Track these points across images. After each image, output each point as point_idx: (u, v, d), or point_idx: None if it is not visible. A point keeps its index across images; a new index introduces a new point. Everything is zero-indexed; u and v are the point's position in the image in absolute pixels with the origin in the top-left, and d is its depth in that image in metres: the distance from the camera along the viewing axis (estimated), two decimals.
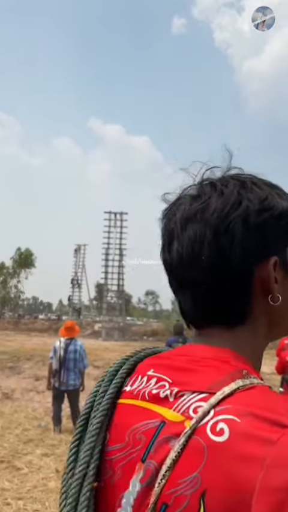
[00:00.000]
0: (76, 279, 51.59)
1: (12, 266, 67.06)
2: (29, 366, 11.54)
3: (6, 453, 4.54)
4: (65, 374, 5.61)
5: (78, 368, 5.73)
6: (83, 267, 51.62)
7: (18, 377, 10.00)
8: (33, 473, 4.07)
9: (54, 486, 3.74)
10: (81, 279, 51.73)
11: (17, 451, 4.64)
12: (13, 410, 6.57)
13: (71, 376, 5.65)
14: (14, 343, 22.08)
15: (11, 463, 4.30)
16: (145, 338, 36.84)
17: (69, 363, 5.64)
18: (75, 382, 5.69)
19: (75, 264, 52.04)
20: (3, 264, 67.50)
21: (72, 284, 51.76)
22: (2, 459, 4.38)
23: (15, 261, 66.41)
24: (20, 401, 7.45)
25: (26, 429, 5.53)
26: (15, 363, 12.12)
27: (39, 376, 9.88)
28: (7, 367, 11.22)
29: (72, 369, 5.66)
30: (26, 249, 66.70)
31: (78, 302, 52.18)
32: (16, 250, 66.27)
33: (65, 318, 49.40)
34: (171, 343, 6.38)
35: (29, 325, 41.56)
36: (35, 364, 11.85)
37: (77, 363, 5.71)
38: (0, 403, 7.15)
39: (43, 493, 3.62)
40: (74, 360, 5.68)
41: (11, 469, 4.15)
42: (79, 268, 51.80)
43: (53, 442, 5.04)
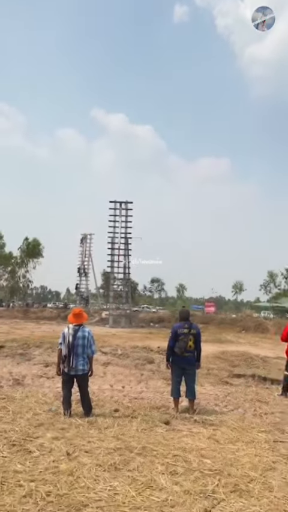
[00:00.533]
0: (83, 268, 51.72)
1: (20, 256, 67.36)
2: (38, 353, 11.65)
3: (18, 437, 4.59)
4: (74, 359, 5.65)
5: (86, 354, 5.78)
6: (89, 256, 51.70)
7: (28, 363, 10.10)
8: (44, 456, 4.10)
9: (65, 468, 3.77)
10: (87, 268, 51.88)
11: (29, 435, 4.68)
12: (24, 396, 6.64)
13: (80, 361, 5.69)
14: (23, 331, 22.33)
15: (23, 446, 4.34)
16: (151, 325, 37.03)
17: (78, 349, 5.68)
18: (84, 367, 5.73)
19: (81, 253, 52.13)
20: (11, 254, 67.84)
21: (79, 273, 51.93)
22: (14, 442, 4.42)
23: (23, 251, 66.64)
24: (31, 387, 7.52)
25: (37, 413, 5.58)
26: (25, 350, 12.24)
27: (48, 363, 9.97)
28: (17, 354, 11.33)
29: (81, 354, 5.70)
30: (34, 239, 66.83)
31: (85, 290, 52.41)
32: (24, 240, 66.45)
33: (73, 306, 49.74)
34: (177, 329, 6.39)
35: (37, 313, 42.01)
36: (44, 351, 11.96)
37: (86, 348, 5.75)
38: (12, 389, 7.22)
39: (54, 475, 3.65)
40: (83, 346, 5.72)
41: (23, 452, 4.18)
42: (85, 258, 51.89)
43: (63, 426, 5.08)
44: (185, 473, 3.81)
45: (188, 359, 6.35)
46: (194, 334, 6.33)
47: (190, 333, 6.29)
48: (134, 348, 14.23)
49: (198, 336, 6.41)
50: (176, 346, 6.29)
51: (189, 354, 6.32)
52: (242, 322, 36.08)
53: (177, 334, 6.30)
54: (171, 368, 6.53)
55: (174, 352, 6.34)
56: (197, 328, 6.50)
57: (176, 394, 6.42)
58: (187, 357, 6.32)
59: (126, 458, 4.07)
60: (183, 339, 6.25)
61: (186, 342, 6.24)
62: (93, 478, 3.60)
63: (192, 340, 6.30)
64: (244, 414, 6.46)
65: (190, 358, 6.36)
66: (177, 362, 6.39)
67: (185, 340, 6.24)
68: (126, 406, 6.46)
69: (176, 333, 6.32)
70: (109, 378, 8.81)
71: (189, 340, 6.26)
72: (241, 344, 20.17)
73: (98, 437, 4.71)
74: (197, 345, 6.39)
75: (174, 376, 6.48)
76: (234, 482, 3.63)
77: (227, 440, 4.91)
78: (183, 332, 6.29)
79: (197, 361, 6.50)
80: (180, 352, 6.25)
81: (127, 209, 37.76)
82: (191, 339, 6.29)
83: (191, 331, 6.32)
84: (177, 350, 6.28)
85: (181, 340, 6.26)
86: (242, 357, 13.08)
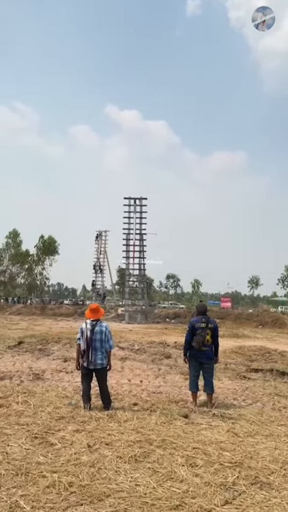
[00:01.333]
0: (98, 265, 52.05)
1: (36, 254, 68.21)
2: (57, 348, 11.82)
3: (40, 429, 4.69)
4: (93, 354, 5.73)
5: (104, 348, 5.85)
6: (104, 253, 51.96)
7: (47, 359, 10.26)
8: (66, 448, 4.19)
9: (86, 460, 3.84)
10: (103, 265, 52.15)
11: (50, 428, 4.78)
12: (44, 390, 6.76)
13: (99, 355, 5.77)
14: (42, 327, 22.67)
15: (45, 438, 4.44)
16: (167, 320, 37.05)
17: (96, 343, 5.76)
18: (102, 361, 5.81)
19: (97, 250, 52.43)
20: (28, 251, 68.73)
21: (95, 270, 52.29)
22: (36, 435, 4.53)
23: (39, 248, 67.45)
24: (51, 382, 7.65)
25: (57, 407, 5.69)
26: (44, 345, 12.44)
27: (67, 358, 10.12)
28: (37, 350, 11.53)
29: (99, 348, 5.78)
30: (49, 236, 67.54)
31: (101, 287, 52.75)
32: (39, 238, 67.23)
33: (89, 302, 50.14)
34: (194, 323, 6.38)
35: (55, 310, 42.53)
36: (62, 346, 12.13)
37: (104, 343, 5.82)
38: (32, 383, 7.37)
39: (76, 466, 3.72)
40: (101, 341, 5.80)
41: (45, 445, 4.28)
42: (101, 254, 52.18)
43: (83, 419, 5.16)
44: (205, 465, 3.84)
45: (206, 353, 6.35)
46: (211, 329, 6.32)
47: (208, 327, 6.29)
48: (151, 343, 14.29)
49: (215, 330, 6.40)
50: (193, 340, 6.30)
51: (206, 349, 6.32)
52: (259, 317, 35.73)
53: (194, 328, 6.30)
54: (189, 362, 6.55)
55: (192, 347, 6.35)
56: (214, 322, 6.49)
57: (194, 388, 6.44)
58: (205, 351, 6.32)
59: (146, 451, 4.12)
60: (201, 333, 6.25)
61: (203, 336, 6.24)
62: (114, 469, 3.66)
63: (210, 334, 6.30)
64: (263, 408, 6.43)
65: (208, 352, 6.36)
66: (195, 356, 6.40)
67: (202, 335, 6.24)
68: (145, 400, 6.51)
69: (194, 327, 6.32)
70: (127, 373, 8.88)
71: (206, 334, 6.26)
72: (258, 339, 20.00)
73: (118, 430, 4.78)
74: (214, 340, 6.38)
75: (191, 371, 6.50)
76: (254, 475, 3.64)
77: (246, 434, 4.91)
78: (201, 326, 6.28)
79: (214, 356, 6.50)
80: (198, 346, 6.26)
81: (141, 205, 37.73)
82: (209, 333, 6.28)
83: (209, 325, 6.31)
84: (194, 344, 6.28)
85: (198, 334, 6.26)
86: (260, 352, 12.99)
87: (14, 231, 68.56)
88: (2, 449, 4.08)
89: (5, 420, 5.07)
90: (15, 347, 12.12)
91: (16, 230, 68.69)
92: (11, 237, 68.45)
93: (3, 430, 4.69)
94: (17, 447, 4.15)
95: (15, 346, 12.32)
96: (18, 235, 68.74)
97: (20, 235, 68.77)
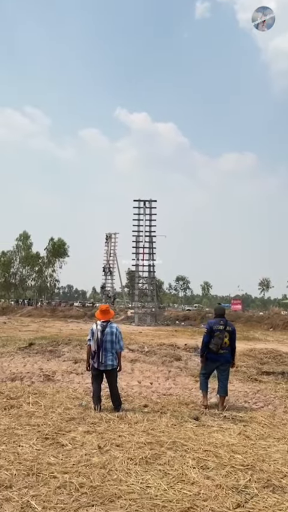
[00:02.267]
0: (108, 267, 52.21)
1: (46, 256, 68.73)
2: (67, 350, 11.85)
3: (51, 430, 4.70)
4: (103, 355, 5.73)
5: (115, 349, 5.84)
6: (114, 255, 52.10)
7: (58, 360, 10.30)
8: (76, 449, 4.19)
9: (97, 461, 3.84)
10: (113, 267, 52.31)
11: (61, 429, 4.79)
12: (55, 391, 6.79)
13: (109, 356, 5.77)
14: (52, 329, 22.80)
15: (56, 439, 4.45)
16: (177, 322, 36.93)
17: (107, 344, 5.76)
18: (113, 362, 5.81)
19: (106, 252, 52.59)
20: (38, 254, 69.30)
21: (105, 272, 52.45)
22: (47, 436, 4.54)
23: (49, 251, 67.98)
24: (61, 383, 7.68)
25: (68, 408, 5.70)
26: (55, 347, 12.50)
27: (77, 359, 10.15)
28: (47, 351, 11.59)
29: (110, 349, 5.78)
30: (59, 238, 68.09)
31: (111, 289, 52.84)
32: (49, 240, 67.75)
33: (99, 304, 50.20)
34: (212, 325, 6.32)
35: (65, 312, 42.71)
36: (73, 348, 12.17)
37: (114, 344, 5.82)
38: (43, 385, 7.40)
39: (87, 467, 3.72)
40: (111, 342, 5.80)
41: (56, 445, 4.29)
42: (110, 256, 52.33)
43: (94, 420, 5.17)
44: (216, 467, 3.80)
45: (224, 356, 6.28)
46: (229, 332, 6.25)
47: (226, 329, 6.22)
48: (161, 345, 14.26)
49: (233, 333, 6.32)
50: (211, 342, 6.23)
51: (224, 351, 6.25)
52: (270, 320, 35.39)
53: (212, 330, 6.25)
54: (204, 362, 6.50)
55: (209, 349, 6.28)
56: (232, 325, 6.40)
57: (203, 386, 6.41)
58: (223, 354, 6.25)
59: (157, 453, 4.10)
60: (219, 335, 6.18)
61: (222, 339, 6.17)
62: (125, 471, 3.65)
63: (228, 337, 6.23)
64: (274, 411, 6.36)
65: (226, 355, 6.29)
66: (213, 359, 6.33)
67: (220, 337, 6.18)
68: (155, 402, 6.49)
69: (212, 328, 6.26)
70: (137, 375, 8.87)
71: (224, 336, 6.19)
72: (269, 342, 19.80)
73: (129, 431, 4.77)
74: (231, 343, 6.30)
75: (204, 370, 6.46)
76: (266, 478, 3.60)
77: (257, 436, 4.85)
78: (219, 328, 6.21)
79: (231, 360, 6.43)
80: (215, 348, 6.19)
81: (151, 207, 37.74)
82: (227, 336, 6.21)
83: (227, 328, 6.24)
84: (212, 347, 6.22)
85: (216, 336, 6.19)
86: (271, 355, 12.86)
87: (25, 233, 69.34)
88: (13, 450, 4.10)
89: (16, 421, 5.10)
90: (26, 348, 12.20)
91: (26, 232, 69.45)
92: (21, 239, 69.15)
93: (14, 430, 4.72)
94: (28, 448, 4.17)
95: (26, 347, 12.40)
96: (28, 237, 69.44)
97: (30, 238, 69.44)
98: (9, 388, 6.90)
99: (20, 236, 69.29)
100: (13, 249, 69.65)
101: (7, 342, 14.23)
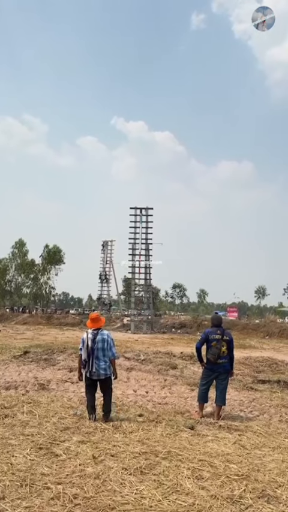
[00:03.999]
0: (104, 274, 52.14)
1: (41, 263, 68.48)
2: (62, 358, 11.78)
3: (45, 440, 4.66)
4: (95, 364, 5.67)
5: (108, 357, 5.76)
6: (110, 262, 52.07)
7: (53, 369, 10.23)
8: (70, 459, 4.15)
9: (91, 472, 3.81)
10: (109, 274, 52.23)
11: (55, 439, 4.75)
12: (50, 400, 6.73)
13: (102, 365, 5.70)
14: (47, 337, 22.64)
15: (50, 449, 4.41)
16: (173, 330, 36.82)
17: (98, 353, 5.69)
18: (106, 371, 5.75)
19: (103, 259, 52.57)
20: (34, 261, 69.06)
21: (101, 279, 52.36)
22: (41, 446, 4.50)
23: (44, 258, 67.77)
24: (56, 392, 7.62)
25: (63, 417, 5.65)
26: (50, 355, 12.41)
27: (72, 368, 10.07)
28: (42, 360, 11.50)
29: (102, 358, 5.71)
30: (54, 245, 67.90)
31: (107, 297, 52.71)
32: (44, 247, 67.58)
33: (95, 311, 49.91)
34: (208, 334, 6.29)
35: (60, 319, 42.45)
36: (68, 356, 12.08)
37: (106, 352, 5.74)
38: (37, 394, 7.34)
39: (81, 478, 3.69)
40: (103, 349, 5.71)
41: (50, 456, 4.25)
42: (107, 264, 52.31)
43: (88, 430, 5.13)
44: (211, 478, 3.78)
45: (223, 366, 6.23)
46: (226, 341, 6.21)
47: (223, 339, 6.19)
48: (157, 353, 14.20)
49: (231, 342, 6.28)
50: (208, 353, 6.20)
51: (223, 361, 6.20)
52: (266, 328, 35.39)
53: (208, 340, 6.22)
54: (203, 373, 6.47)
55: (208, 359, 6.25)
56: (229, 334, 6.36)
57: (202, 399, 6.36)
58: (221, 364, 6.21)
59: (151, 463, 4.08)
60: (216, 345, 6.15)
61: (219, 349, 6.14)
62: (119, 481, 3.63)
63: (226, 346, 6.19)
64: (270, 420, 6.35)
65: (225, 364, 6.24)
66: (212, 369, 6.28)
67: (217, 347, 6.14)
68: (151, 411, 6.45)
69: (208, 338, 6.23)
70: (132, 383, 8.82)
71: (222, 346, 6.16)
72: (265, 350, 19.79)
73: (123, 441, 4.74)
74: (229, 352, 6.26)
75: (203, 382, 6.40)
76: (261, 488, 3.58)
77: (253, 446, 4.84)
78: (216, 338, 6.18)
79: (230, 369, 6.39)
80: (213, 359, 6.15)
81: (148, 215, 37.91)
82: (224, 345, 6.18)
83: (224, 337, 6.20)
84: (210, 357, 6.18)
85: (213, 346, 6.15)
86: (267, 363, 12.84)
87: (20, 240, 69.20)
88: (6, 460, 4.06)
89: (10, 430, 5.05)
90: (21, 357, 12.11)
91: (22, 240, 69.31)
92: (17, 246, 68.97)
93: (8, 440, 4.67)
94: (21, 458, 4.13)
95: (20, 355, 12.31)
96: (24, 244, 69.24)
97: (26, 245, 69.25)
98: (3, 397, 6.85)
99: (15, 244, 69.14)
100: (9, 256, 69.44)
101: (2, 350, 14.11)
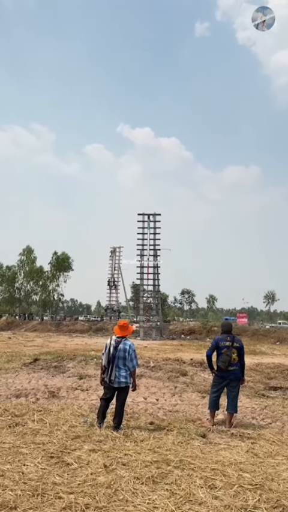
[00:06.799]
0: (113, 281, 52.25)
1: (50, 270, 68.73)
2: (72, 365, 11.77)
3: (56, 449, 4.64)
4: (116, 371, 5.61)
5: (128, 366, 5.68)
6: (119, 269, 52.16)
7: (63, 376, 10.22)
8: (82, 468, 4.12)
9: (103, 481, 3.77)
10: (117, 281, 52.32)
11: (66, 447, 4.73)
12: (60, 408, 6.72)
13: (122, 373, 5.63)
14: (57, 344, 22.69)
15: (61, 458, 4.38)
16: (182, 336, 36.62)
17: (119, 361, 5.62)
18: (127, 379, 5.66)
19: (111, 266, 52.69)
20: (42, 268, 69.36)
21: (109, 286, 52.45)
22: (52, 454, 4.48)
23: (53, 265, 68.01)
24: (66, 399, 7.61)
25: (73, 426, 5.63)
26: (60, 362, 12.42)
27: (82, 375, 10.06)
28: (52, 367, 11.52)
29: (122, 366, 5.64)
30: (63, 252, 68.13)
31: (116, 303, 52.73)
32: (53, 254, 67.86)
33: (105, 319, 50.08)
34: (218, 341, 6.24)
35: (70, 326, 42.55)
36: (78, 364, 12.08)
37: (127, 362, 5.65)
38: (47, 401, 7.34)
39: (93, 487, 3.66)
40: (123, 359, 5.64)
41: (61, 464, 4.22)
42: (115, 270, 52.40)
43: (99, 438, 5.10)
44: (225, 487, 3.73)
45: (234, 373, 6.16)
46: (237, 348, 6.15)
47: (233, 346, 6.12)
48: (166, 360, 14.12)
49: (241, 349, 6.21)
50: (219, 360, 6.14)
51: (234, 368, 6.13)
52: (276, 333, 35.04)
53: (218, 347, 6.15)
54: (213, 380, 6.40)
55: (218, 367, 6.19)
56: (240, 341, 6.29)
57: (213, 407, 6.29)
58: (232, 371, 6.14)
59: (163, 472, 4.03)
60: (226, 352, 6.09)
61: (229, 356, 6.07)
62: (131, 491, 3.59)
63: (236, 353, 6.13)
64: (283, 427, 6.25)
65: (236, 372, 6.17)
66: (222, 376, 6.20)
67: (228, 354, 6.08)
68: (161, 418, 6.40)
69: (218, 344, 6.17)
70: (143, 391, 8.77)
71: (232, 353, 6.09)
72: (276, 356, 19.56)
73: (135, 450, 4.69)
74: (240, 359, 6.19)
75: (214, 389, 6.33)
76: (276, 498, 3.51)
77: (266, 454, 4.76)
78: (226, 345, 6.12)
79: (241, 376, 6.31)
80: (224, 366, 6.09)
81: (155, 221, 38.00)
82: (235, 352, 6.11)
83: (234, 344, 6.14)
84: (220, 364, 6.12)
85: (224, 353, 6.09)
86: (278, 369, 12.69)
87: (28, 247, 69.52)
88: (18, 469, 4.05)
89: (21, 439, 5.04)
90: (31, 364, 12.14)
91: (30, 247, 69.63)
92: (25, 254, 69.34)
93: (19, 449, 4.66)
94: (33, 467, 4.11)
95: (30, 363, 12.35)
96: (32, 251, 69.58)
97: (34, 252, 69.59)
98: (14, 405, 6.85)
99: (23, 251, 69.53)
100: (17, 264, 69.85)
101: (12, 357, 14.17)
